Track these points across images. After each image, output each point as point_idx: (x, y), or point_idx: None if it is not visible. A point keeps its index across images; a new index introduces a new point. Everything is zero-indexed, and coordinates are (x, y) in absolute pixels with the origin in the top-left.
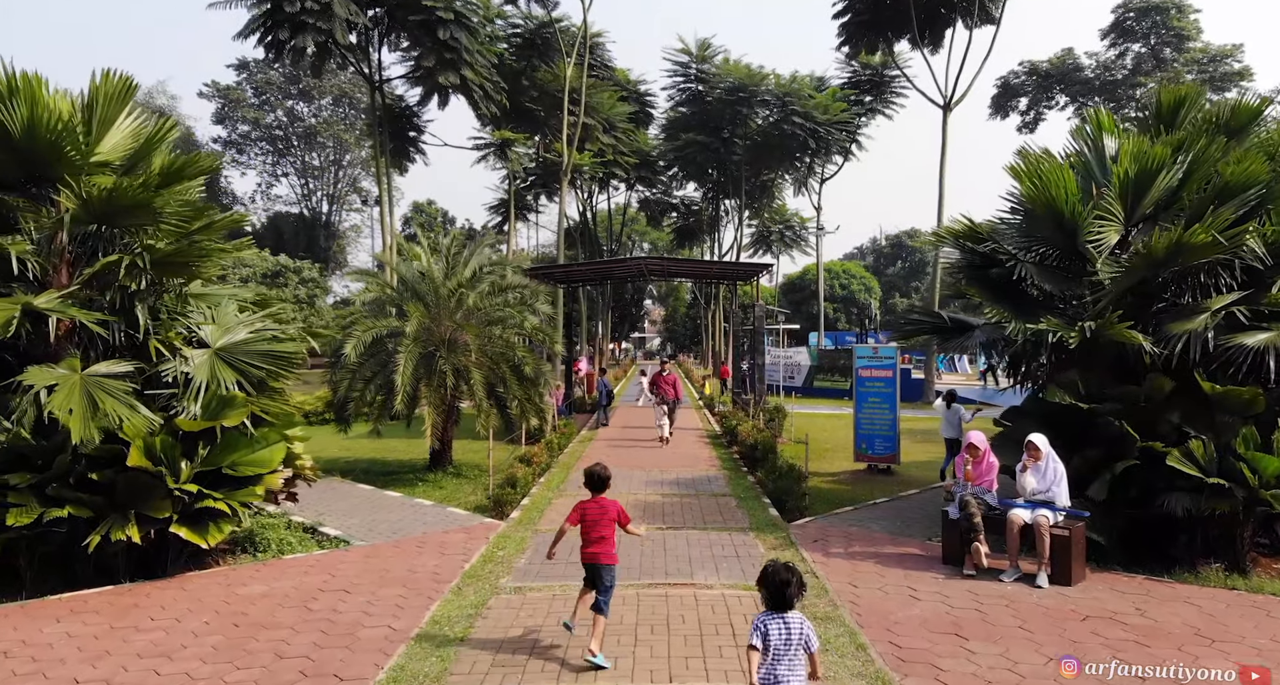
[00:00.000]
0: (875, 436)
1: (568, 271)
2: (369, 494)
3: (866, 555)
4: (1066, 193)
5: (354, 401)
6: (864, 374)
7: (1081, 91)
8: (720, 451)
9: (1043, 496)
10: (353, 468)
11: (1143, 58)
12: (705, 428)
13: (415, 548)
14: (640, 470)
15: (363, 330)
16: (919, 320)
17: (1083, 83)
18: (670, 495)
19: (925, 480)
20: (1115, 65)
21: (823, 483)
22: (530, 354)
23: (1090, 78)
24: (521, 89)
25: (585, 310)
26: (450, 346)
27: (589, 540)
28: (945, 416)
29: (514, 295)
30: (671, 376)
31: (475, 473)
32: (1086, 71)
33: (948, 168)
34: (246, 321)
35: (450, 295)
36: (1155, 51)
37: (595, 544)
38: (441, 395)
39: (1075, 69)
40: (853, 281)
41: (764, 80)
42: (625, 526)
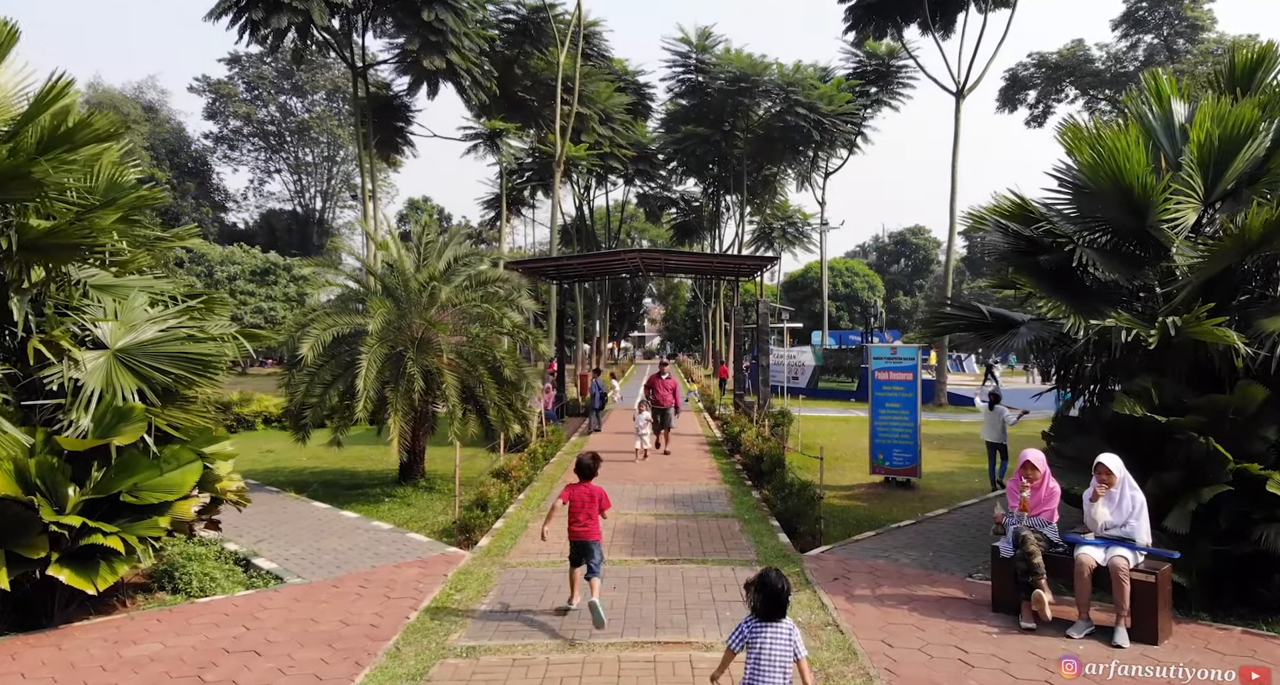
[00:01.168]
0: (893, 446)
1: (559, 266)
2: (322, 515)
3: (899, 599)
4: (1136, 164)
5: (311, 408)
6: (881, 377)
7: (1092, 84)
8: (721, 461)
9: (1118, 532)
10: (317, 480)
11: (1155, 49)
12: (705, 433)
13: (357, 589)
14: (632, 484)
15: (322, 329)
16: (955, 315)
17: (1093, 75)
18: (665, 516)
19: (950, 495)
20: (1127, 57)
21: (836, 498)
22: (511, 355)
23: (1101, 70)
24: (514, 78)
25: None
26: (421, 346)
27: (577, 520)
28: (988, 419)
29: (494, 290)
30: (672, 381)
31: (451, 486)
32: (1097, 63)
33: (960, 157)
34: (158, 317)
35: (421, 289)
36: (1168, 42)
37: (583, 524)
38: (410, 401)
39: (1085, 61)
40: (856, 280)
41: (766, 70)
42: (604, 512)
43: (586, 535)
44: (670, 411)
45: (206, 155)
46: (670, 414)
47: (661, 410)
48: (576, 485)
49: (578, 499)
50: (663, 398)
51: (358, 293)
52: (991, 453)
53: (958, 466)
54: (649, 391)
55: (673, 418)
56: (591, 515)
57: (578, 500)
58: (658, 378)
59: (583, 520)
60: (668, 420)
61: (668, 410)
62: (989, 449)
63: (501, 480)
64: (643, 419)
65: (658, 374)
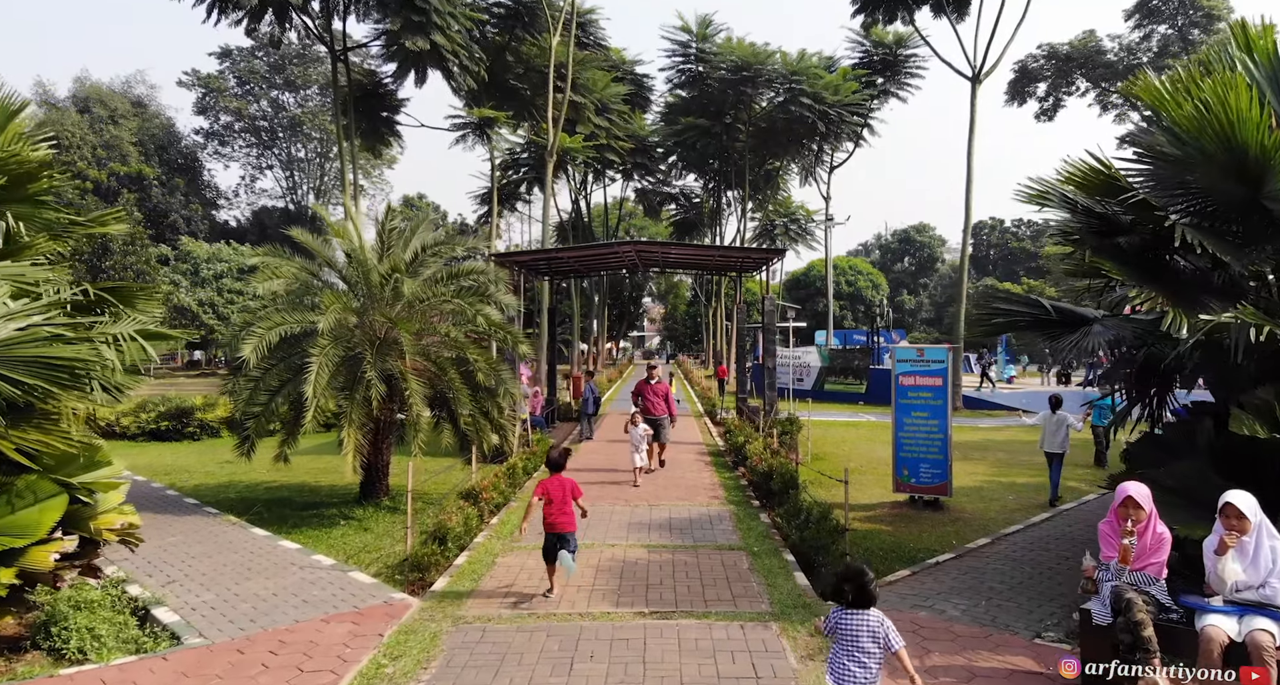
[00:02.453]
0: (920, 461)
1: (550, 259)
2: (258, 546)
3: (955, 673)
4: (1250, 120)
5: (255, 419)
6: (905, 382)
7: (1104, 75)
8: (725, 476)
9: (1255, 595)
10: (271, 497)
11: (1169, 39)
12: (706, 442)
13: (266, 655)
14: (623, 504)
15: (267, 328)
16: (1012, 310)
17: (1105, 66)
18: (660, 547)
19: (987, 519)
20: (1140, 48)
21: (856, 519)
22: (487, 356)
23: (1113, 61)
24: (506, 66)
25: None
26: (383, 348)
27: (552, 512)
28: (1047, 426)
29: (468, 283)
30: (663, 386)
31: (419, 504)
32: (1109, 55)
33: (976, 144)
34: (18, 312)
35: (384, 282)
36: (1183, 32)
37: (558, 515)
38: (367, 410)
39: (1097, 52)
40: (859, 278)
41: (769, 59)
42: (578, 500)
43: (563, 527)
44: (664, 422)
45: (197, 151)
46: (665, 425)
47: (654, 421)
48: (548, 479)
49: (552, 492)
50: (653, 405)
51: (311, 286)
52: (1053, 466)
53: (985, 480)
54: (637, 399)
55: (668, 430)
56: (566, 506)
57: (552, 493)
58: (646, 384)
59: (557, 512)
60: (661, 433)
61: (661, 420)
62: (1049, 461)
63: (469, 503)
64: (639, 433)
65: (645, 379)
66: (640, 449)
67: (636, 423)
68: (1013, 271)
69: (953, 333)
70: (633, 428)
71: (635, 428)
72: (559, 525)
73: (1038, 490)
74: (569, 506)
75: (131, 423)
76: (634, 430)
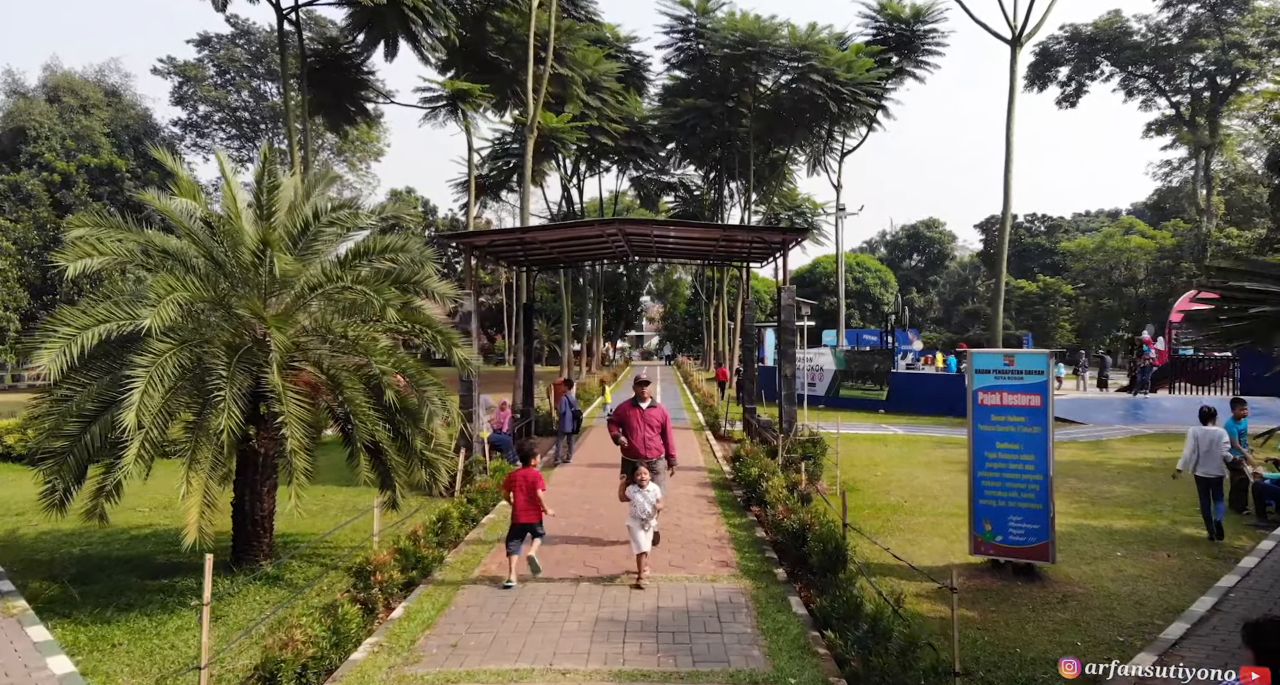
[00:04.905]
0: (1009, 511)
1: (523, 243)
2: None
3: None
4: None
5: (55, 458)
6: (988, 401)
7: (1130, 58)
8: (734, 523)
9: None
10: (108, 553)
11: (1201, 19)
12: (708, 465)
13: None
14: (594, 583)
15: (79, 327)
16: None
17: (1132, 48)
18: (638, 678)
19: (1106, 594)
20: (1168, 28)
21: (921, 598)
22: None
23: (1140, 43)
24: (484, 36)
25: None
26: (252, 354)
27: (520, 505)
28: (1199, 444)
29: (382, 265)
30: (659, 413)
31: (319, 565)
32: (1135, 36)
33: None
34: None
35: (257, 262)
36: (1215, 12)
37: (525, 509)
38: (216, 445)
39: (1123, 33)
40: (867, 275)
41: (776, 33)
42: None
43: (530, 518)
44: (659, 466)
45: (175, 143)
46: (660, 470)
47: (645, 462)
48: (517, 471)
49: (519, 484)
50: (643, 443)
51: (162, 268)
52: (1205, 494)
53: (1070, 523)
54: (618, 431)
55: (663, 481)
56: (533, 499)
57: (519, 485)
58: (633, 407)
59: (525, 505)
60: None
61: (655, 463)
62: (1201, 488)
63: (360, 585)
64: (646, 500)
65: (632, 400)
66: (647, 525)
67: (644, 483)
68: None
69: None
70: (635, 493)
71: (640, 493)
72: (527, 517)
73: (1150, 539)
74: (537, 499)
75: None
76: (637, 496)
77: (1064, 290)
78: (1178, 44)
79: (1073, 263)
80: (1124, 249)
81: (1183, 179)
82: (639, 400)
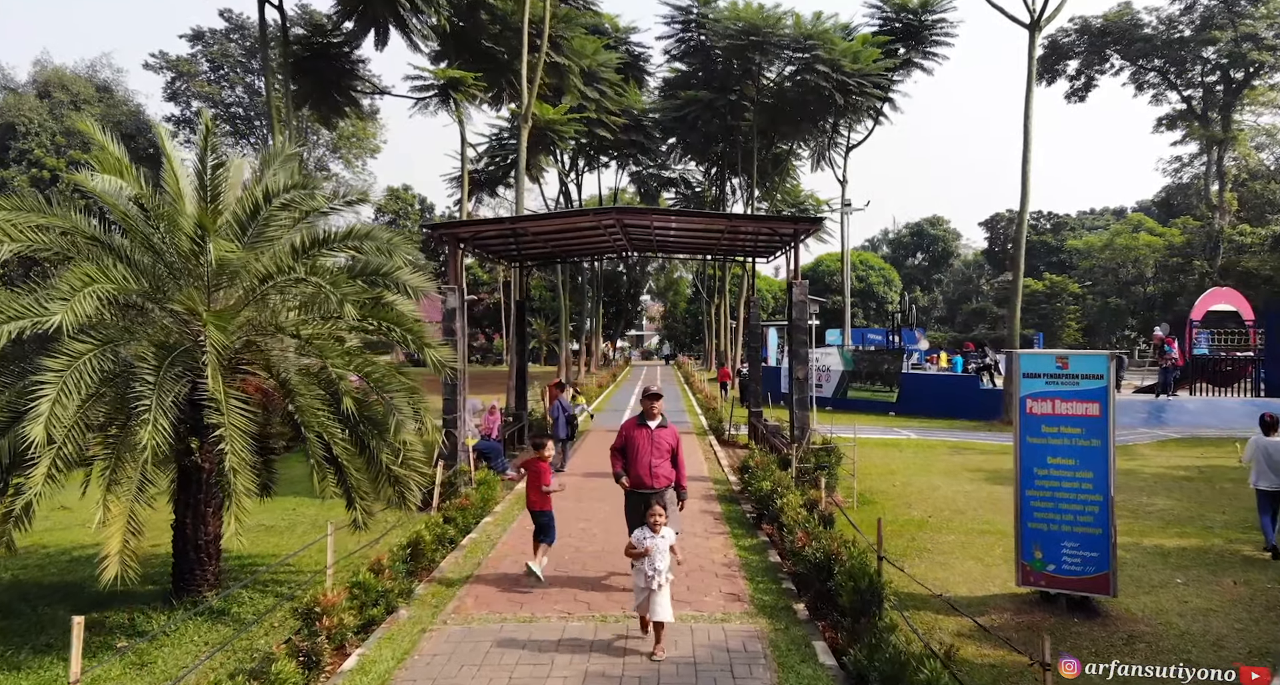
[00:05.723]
0: (1063, 537)
1: (514, 233)
2: None
3: None
4: None
5: None
6: (1037, 409)
7: (1141, 51)
8: (744, 545)
9: None
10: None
11: (1213, 11)
12: (713, 475)
13: None
14: (586, 622)
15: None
16: None
17: (1143, 41)
18: None
19: (1176, 633)
20: (1180, 21)
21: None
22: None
23: (1151, 35)
24: (479, 24)
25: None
26: (190, 356)
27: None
28: (1259, 454)
29: (346, 252)
30: (670, 434)
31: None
32: (1146, 29)
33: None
34: None
35: (197, 249)
36: (1229, 4)
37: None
38: (133, 464)
39: (1134, 25)
40: (871, 273)
41: (780, 23)
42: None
43: (540, 505)
44: (670, 496)
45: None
46: (669, 503)
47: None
48: (530, 459)
49: (530, 472)
50: (649, 472)
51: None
52: (1265, 507)
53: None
54: (620, 458)
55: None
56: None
57: (530, 473)
58: (640, 427)
59: (534, 495)
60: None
61: (661, 495)
62: (1261, 501)
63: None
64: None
65: (639, 418)
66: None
67: (657, 525)
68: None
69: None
70: (647, 538)
71: (653, 538)
72: (535, 504)
73: (1208, 562)
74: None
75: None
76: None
77: (1071, 289)
78: (1190, 36)
79: (1080, 261)
80: (1132, 247)
81: (1193, 175)
82: (647, 418)
